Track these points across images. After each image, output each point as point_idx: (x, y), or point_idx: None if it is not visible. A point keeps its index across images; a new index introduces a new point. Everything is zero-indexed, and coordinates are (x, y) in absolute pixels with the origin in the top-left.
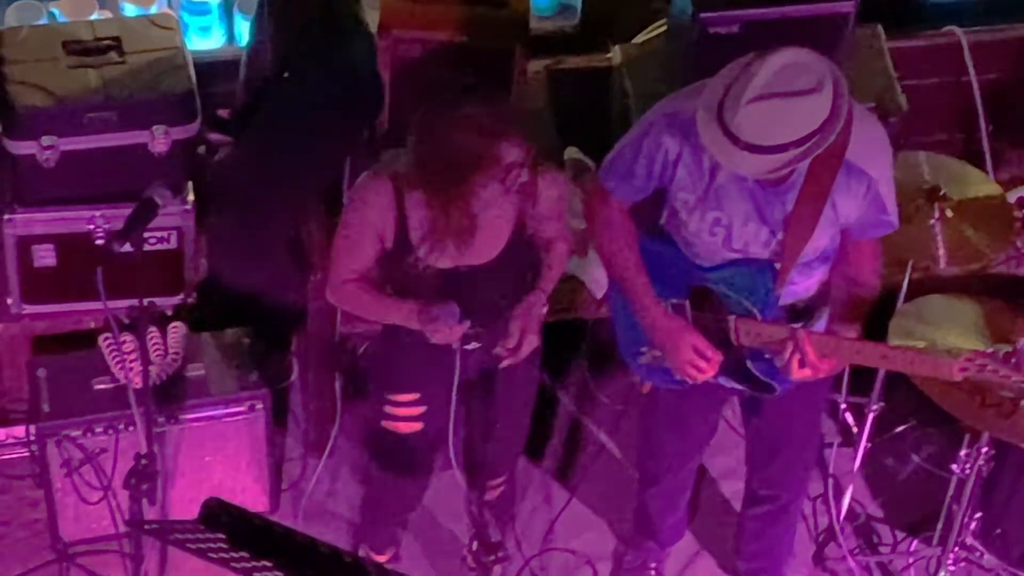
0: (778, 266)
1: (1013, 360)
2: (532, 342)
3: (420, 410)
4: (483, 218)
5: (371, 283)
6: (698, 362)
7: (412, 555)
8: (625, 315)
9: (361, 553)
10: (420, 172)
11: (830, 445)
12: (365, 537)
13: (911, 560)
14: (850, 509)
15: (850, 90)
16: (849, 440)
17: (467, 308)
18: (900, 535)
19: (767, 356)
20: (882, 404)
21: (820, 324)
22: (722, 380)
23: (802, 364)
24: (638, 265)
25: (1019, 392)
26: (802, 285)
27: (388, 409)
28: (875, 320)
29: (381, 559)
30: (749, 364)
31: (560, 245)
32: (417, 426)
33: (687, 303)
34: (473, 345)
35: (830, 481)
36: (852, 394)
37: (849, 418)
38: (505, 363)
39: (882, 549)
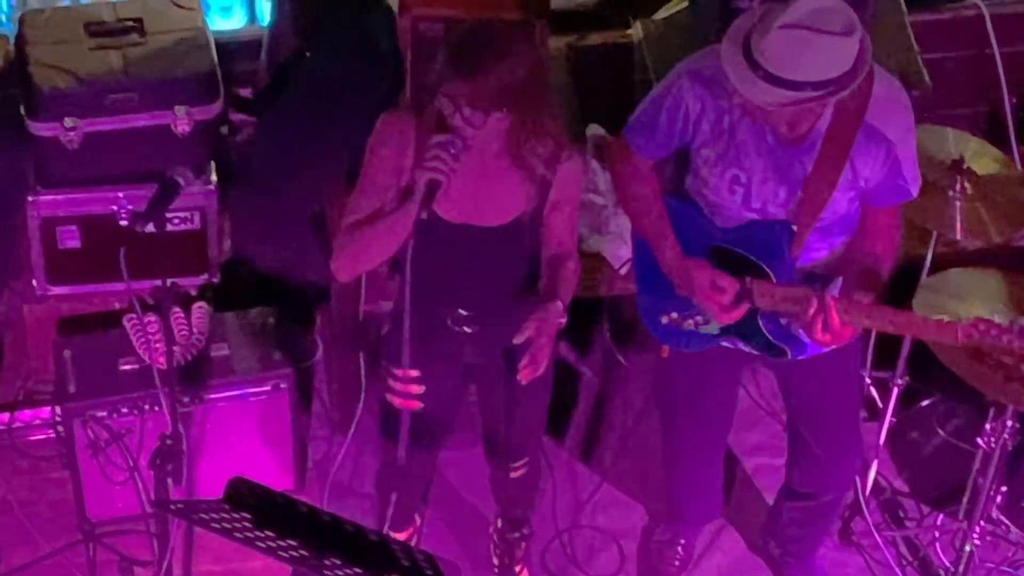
0: (795, 228)
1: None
2: (546, 350)
3: (419, 389)
4: (475, 169)
5: None
6: (716, 294)
7: (437, 532)
8: (648, 278)
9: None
10: None
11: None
12: (382, 515)
13: (937, 534)
14: (875, 484)
15: (873, 55)
16: (874, 414)
17: (467, 273)
18: (926, 509)
19: (781, 320)
20: (907, 378)
21: (834, 292)
22: (739, 344)
23: (825, 327)
24: (660, 213)
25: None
26: (819, 251)
27: (390, 382)
28: (900, 294)
29: (400, 537)
30: (761, 325)
31: (570, 264)
32: (414, 404)
33: (705, 262)
34: (468, 329)
35: None
36: (877, 369)
37: (874, 392)
38: (522, 378)
39: (908, 523)
